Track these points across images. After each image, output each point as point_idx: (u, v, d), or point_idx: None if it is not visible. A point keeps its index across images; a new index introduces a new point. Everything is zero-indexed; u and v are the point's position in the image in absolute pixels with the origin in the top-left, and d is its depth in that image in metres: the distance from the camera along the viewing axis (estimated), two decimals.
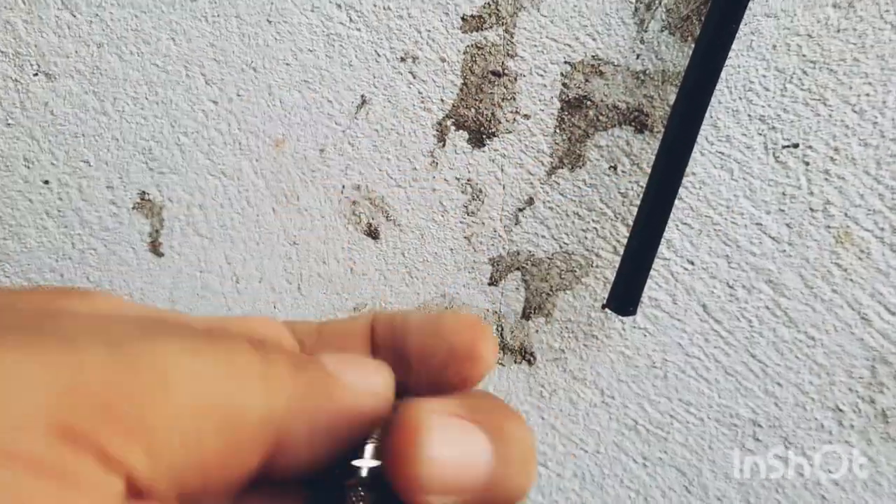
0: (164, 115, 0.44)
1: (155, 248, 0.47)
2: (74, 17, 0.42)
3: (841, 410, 0.47)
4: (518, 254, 0.45)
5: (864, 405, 0.46)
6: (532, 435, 0.19)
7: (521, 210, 0.44)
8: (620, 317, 0.46)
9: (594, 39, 0.41)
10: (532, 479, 0.18)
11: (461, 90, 0.42)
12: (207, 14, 0.42)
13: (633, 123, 0.42)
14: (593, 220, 0.44)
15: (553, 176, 0.44)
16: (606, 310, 0.45)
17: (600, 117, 0.42)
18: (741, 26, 0.40)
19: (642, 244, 0.42)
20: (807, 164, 0.42)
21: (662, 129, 0.42)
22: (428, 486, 0.17)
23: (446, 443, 0.17)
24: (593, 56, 0.41)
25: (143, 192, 0.45)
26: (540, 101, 0.42)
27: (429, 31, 0.41)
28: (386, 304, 0.46)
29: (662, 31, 0.41)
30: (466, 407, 0.18)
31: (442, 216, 0.45)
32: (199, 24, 0.42)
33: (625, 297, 0.42)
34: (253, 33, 0.42)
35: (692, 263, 0.45)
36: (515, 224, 0.45)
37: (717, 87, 0.40)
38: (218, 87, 0.43)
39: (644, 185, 0.42)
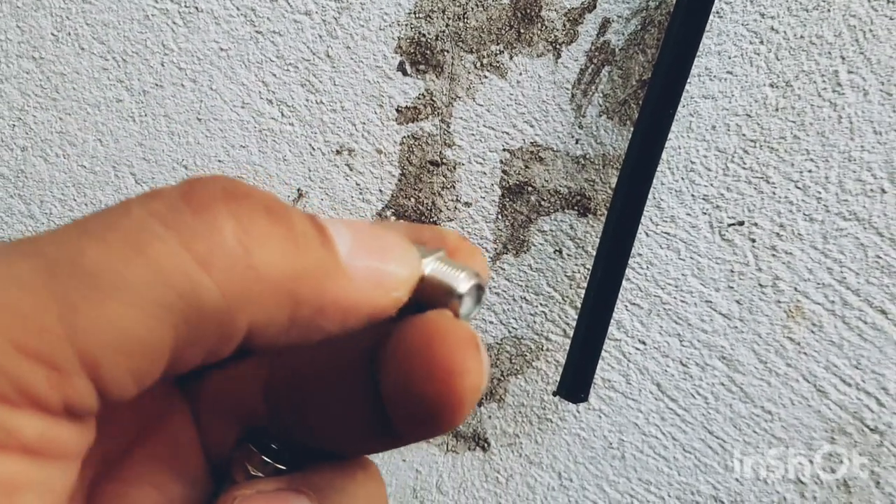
0: None
1: None
2: None
3: (802, 483, 0.46)
4: None
5: (825, 476, 0.46)
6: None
7: None
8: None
9: (532, 126, 0.40)
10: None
11: (400, 180, 0.41)
12: (135, 114, 0.41)
13: (575, 207, 0.42)
14: (541, 304, 0.43)
15: (498, 262, 0.43)
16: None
17: (542, 202, 0.42)
18: (679, 108, 0.39)
19: (590, 329, 0.41)
20: (753, 241, 0.42)
21: (606, 212, 0.41)
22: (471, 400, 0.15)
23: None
24: (532, 143, 0.41)
25: None
26: (480, 188, 0.42)
27: (363, 123, 0.40)
28: None
29: (600, 115, 0.40)
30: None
31: None
32: (126, 124, 0.41)
33: (575, 383, 0.41)
34: (182, 131, 0.41)
35: (644, 343, 0.44)
36: None
37: (658, 169, 0.40)
38: (149, 186, 0.42)
39: (590, 267, 0.42)
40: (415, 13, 0.39)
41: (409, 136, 0.41)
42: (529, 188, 0.41)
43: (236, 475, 0.18)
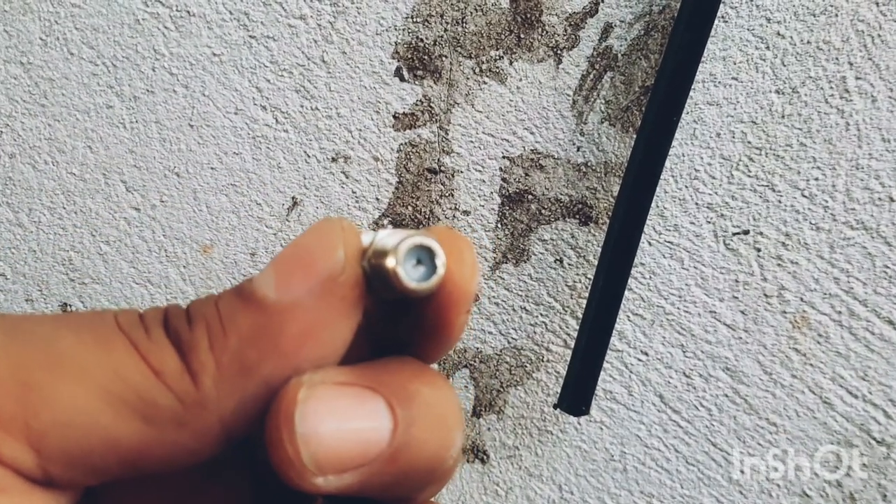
0: (84, 225, 0.41)
1: None
2: None
3: (808, 496, 0.45)
4: (465, 351, 0.43)
5: (831, 489, 0.45)
6: (450, 394, 0.16)
7: None
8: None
9: (532, 133, 0.39)
10: (450, 441, 0.16)
11: (397, 188, 0.41)
12: (125, 120, 0.40)
13: (577, 216, 0.41)
14: (541, 315, 0.43)
15: (497, 271, 0.42)
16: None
17: (543, 211, 0.41)
18: (683, 115, 0.38)
19: (591, 340, 0.40)
20: (758, 250, 0.41)
21: (607, 221, 0.40)
22: (312, 466, 0.14)
23: (328, 415, 0.15)
24: (532, 150, 0.40)
25: (65, 304, 0.43)
26: (480, 196, 0.41)
27: (360, 130, 0.40)
28: None
29: (602, 122, 0.39)
30: (364, 372, 0.16)
31: None
32: (116, 130, 0.40)
33: (576, 396, 0.41)
34: (174, 138, 0.40)
35: (646, 354, 0.43)
36: None
37: (662, 177, 0.39)
38: (140, 194, 0.41)
39: (591, 277, 0.41)
40: (412, 17, 0.38)
41: (406, 144, 0.40)
42: (530, 196, 0.41)
43: None
